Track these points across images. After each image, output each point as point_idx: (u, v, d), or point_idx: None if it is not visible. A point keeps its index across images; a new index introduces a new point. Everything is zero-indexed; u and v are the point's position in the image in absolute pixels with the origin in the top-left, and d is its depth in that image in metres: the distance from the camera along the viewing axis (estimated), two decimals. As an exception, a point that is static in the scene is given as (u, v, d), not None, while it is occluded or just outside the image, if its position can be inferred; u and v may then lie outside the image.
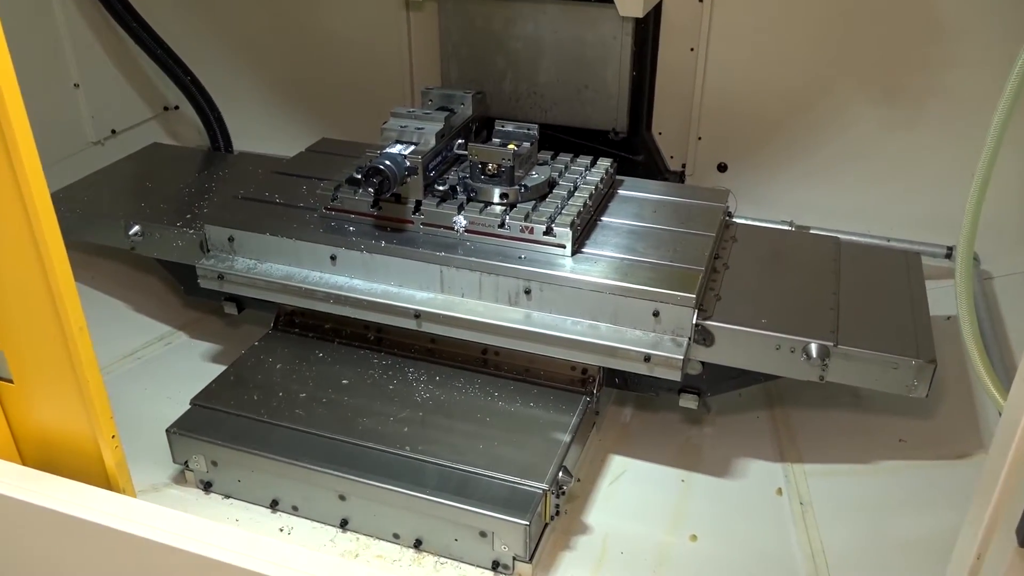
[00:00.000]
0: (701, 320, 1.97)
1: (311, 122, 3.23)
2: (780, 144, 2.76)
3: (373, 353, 2.30)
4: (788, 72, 2.65)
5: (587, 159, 2.43)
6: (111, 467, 1.55)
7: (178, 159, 2.99)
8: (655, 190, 2.44)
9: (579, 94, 2.73)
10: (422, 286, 2.15)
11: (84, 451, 1.54)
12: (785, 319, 1.99)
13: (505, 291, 2.08)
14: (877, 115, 2.63)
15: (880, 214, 2.72)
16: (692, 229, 2.23)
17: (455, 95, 2.44)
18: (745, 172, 2.85)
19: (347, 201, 2.23)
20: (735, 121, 2.77)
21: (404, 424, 2.04)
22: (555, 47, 2.68)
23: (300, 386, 2.17)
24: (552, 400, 2.14)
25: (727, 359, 2.01)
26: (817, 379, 1.95)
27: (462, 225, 2.14)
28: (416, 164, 2.12)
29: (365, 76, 3.11)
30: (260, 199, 2.39)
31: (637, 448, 2.29)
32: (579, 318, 2.04)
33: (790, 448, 2.27)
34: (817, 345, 1.91)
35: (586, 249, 2.12)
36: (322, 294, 2.19)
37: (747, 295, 2.09)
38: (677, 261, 2.07)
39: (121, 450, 1.57)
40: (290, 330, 2.40)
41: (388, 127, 2.23)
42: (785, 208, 2.83)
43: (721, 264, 2.21)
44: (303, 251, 2.22)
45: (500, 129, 2.30)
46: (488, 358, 2.24)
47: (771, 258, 2.27)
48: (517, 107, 2.81)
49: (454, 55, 2.81)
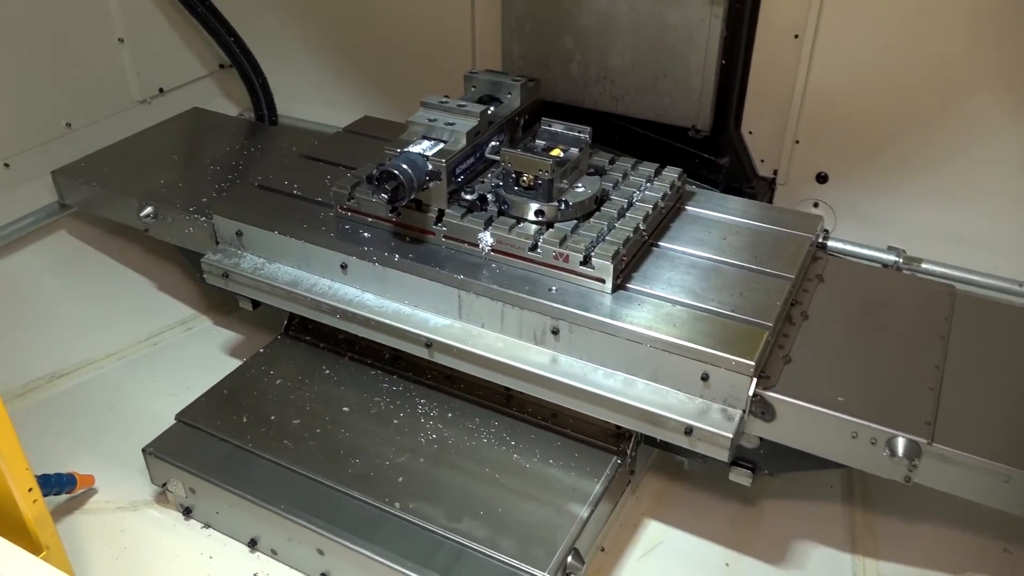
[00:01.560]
0: (761, 390, 1.60)
1: (363, 92, 2.94)
2: (896, 155, 2.28)
3: (384, 375, 2.04)
4: (914, 70, 2.17)
5: (651, 167, 2.05)
6: (31, 523, 1.34)
7: (214, 129, 2.77)
8: (731, 209, 2.05)
9: (656, 83, 2.33)
10: (438, 309, 1.85)
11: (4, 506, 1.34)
12: (869, 399, 1.59)
13: (530, 327, 1.76)
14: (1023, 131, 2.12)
15: (1015, 250, 2.23)
16: (767, 267, 1.83)
17: (503, 82, 2.09)
18: (849, 185, 2.39)
19: (364, 202, 1.94)
20: (842, 124, 2.31)
21: (399, 472, 1.77)
22: (632, 26, 2.28)
23: (295, 410, 1.93)
24: (577, 458, 1.82)
25: (790, 439, 1.64)
26: (902, 479, 1.56)
27: (488, 243, 1.82)
28: (439, 168, 1.80)
29: (423, 48, 2.78)
30: (277, 189, 2.13)
31: (678, 516, 1.96)
32: (613, 370, 1.70)
33: (865, 538, 1.88)
34: (906, 440, 1.52)
35: (632, 284, 1.77)
36: (328, 307, 1.92)
37: (825, 359, 1.70)
38: (741, 311, 1.69)
39: (41, 504, 1.36)
40: (301, 337, 2.16)
41: (414, 120, 1.91)
42: (895, 232, 2.37)
43: (799, 313, 1.81)
44: (312, 255, 1.96)
45: (546, 129, 1.95)
46: (512, 394, 1.94)
47: (864, 309, 1.85)
48: (584, 93, 2.44)
49: (517, 30, 2.45)
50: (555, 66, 2.44)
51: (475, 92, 2.11)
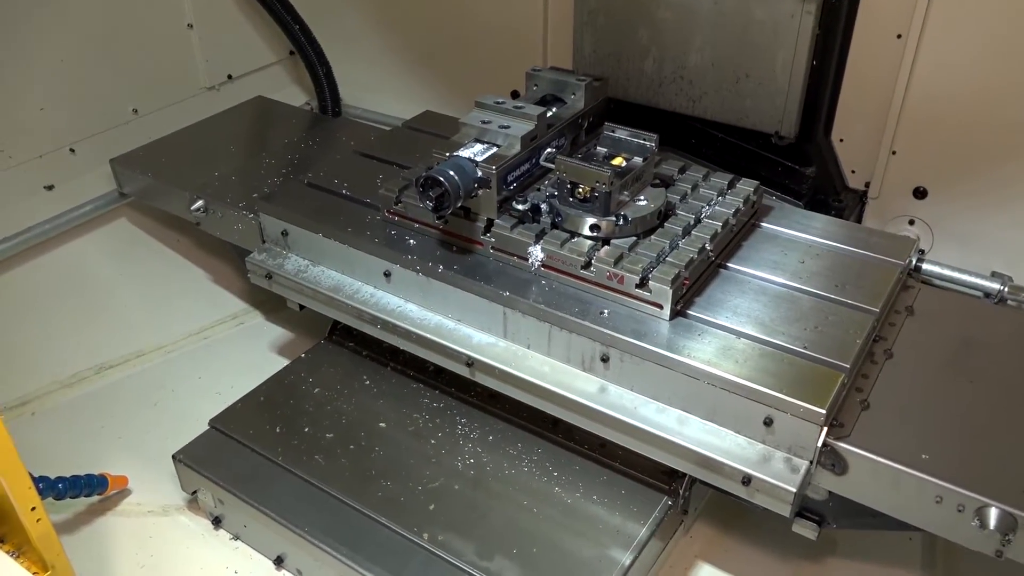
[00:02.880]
0: (832, 440, 1.42)
1: (429, 84, 2.83)
2: (1005, 171, 2.03)
3: (426, 389, 1.93)
4: (1035, 76, 1.92)
5: (725, 178, 1.87)
6: (35, 542, 1.28)
7: (276, 119, 2.71)
8: (812, 228, 1.85)
9: (738, 84, 2.14)
10: (482, 326, 1.73)
11: (12, 522, 1.28)
12: (958, 458, 1.39)
13: (578, 352, 1.61)
14: None
15: None
16: (849, 298, 1.63)
17: (567, 82, 1.94)
18: (950, 201, 2.14)
19: (411, 207, 1.83)
20: (946, 134, 2.07)
21: (432, 498, 1.66)
22: (714, 21, 2.09)
23: (331, 422, 1.84)
24: (624, 495, 1.68)
25: (863, 497, 1.45)
26: (992, 554, 1.36)
27: (538, 258, 1.68)
28: (489, 175, 1.67)
29: (492, 40, 2.65)
30: (327, 188, 2.04)
31: (735, 563, 1.79)
32: (666, 405, 1.55)
33: (945, 606, 1.68)
34: (999, 511, 1.31)
35: (693, 311, 1.60)
36: (370, 316, 1.82)
37: (910, 407, 1.50)
38: (814, 348, 1.51)
39: (46, 522, 1.30)
40: (345, 343, 2.08)
41: (467, 121, 1.78)
42: (1000, 256, 2.12)
43: (882, 351, 1.61)
44: (356, 260, 1.86)
45: (609, 135, 1.80)
46: (560, 420, 1.80)
47: (959, 348, 1.63)
48: (659, 92, 2.27)
49: (589, 24, 2.28)
50: (628, 62, 2.27)
51: (537, 91, 1.97)
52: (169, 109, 2.76)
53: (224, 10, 2.89)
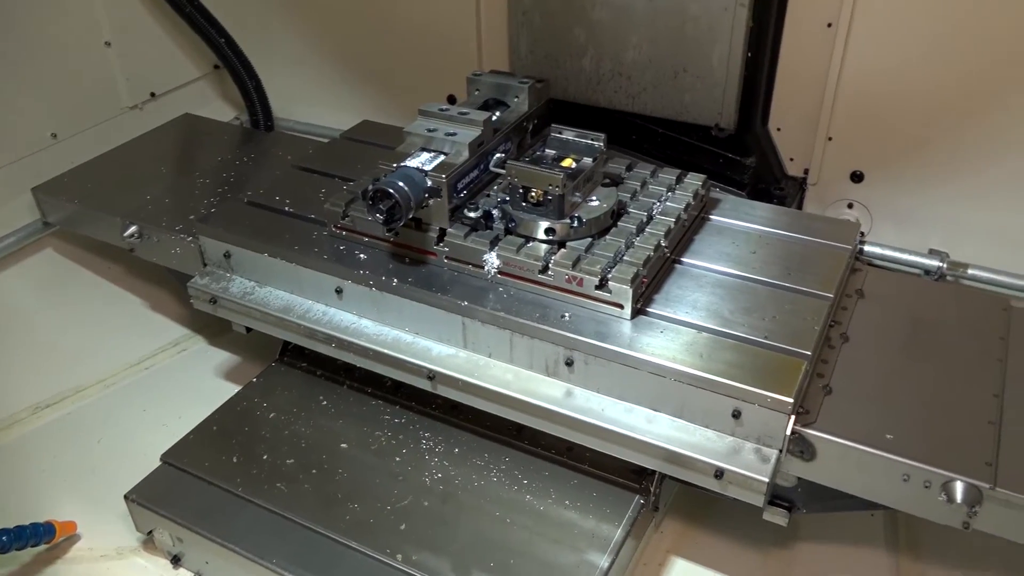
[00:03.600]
0: (800, 427, 1.43)
1: (363, 93, 2.77)
2: (938, 151, 2.09)
3: (386, 405, 1.89)
4: (959, 59, 1.97)
5: (672, 173, 1.88)
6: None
7: (206, 136, 2.62)
8: (760, 218, 1.87)
9: (676, 78, 2.15)
10: (441, 338, 1.70)
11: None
12: (921, 436, 1.43)
13: (542, 357, 1.60)
14: (1083, 124, 1.93)
15: (1071, 253, 2.04)
16: (803, 284, 1.66)
17: (510, 85, 1.92)
18: (887, 183, 2.20)
19: (360, 221, 1.79)
20: (880, 118, 2.12)
21: (402, 518, 1.63)
22: (650, 18, 2.10)
23: (290, 448, 1.78)
24: (596, 497, 1.67)
25: (833, 480, 1.47)
26: (960, 526, 1.39)
27: (494, 265, 1.66)
28: (440, 184, 1.64)
29: (426, 45, 2.61)
30: (268, 205, 1.98)
31: (707, 554, 1.80)
32: (633, 404, 1.54)
33: (913, 578, 1.72)
34: (965, 485, 1.35)
35: (653, 308, 1.60)
36: (323, 335, 1.77)
37: (870, 388, 1.53)
38: (775, 338, 1.52)
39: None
40: (297, 363, 2.02)
41: (412, 131, 1.75)
42: (937, 234, 2.19)
43: (839, 335, 1.64)
44: (305, 279, 1.81)
45: (556, 137, 1.79)
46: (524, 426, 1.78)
47: (911, 327, 1.68)
48: (598, 91, 2.27)
49: (525, 24, 2.27)
50: (566, 62, 2.27)
51: (479, 96, 1.94)
52: (90, 131, 2.64)
53: (143, 26, 2.78)
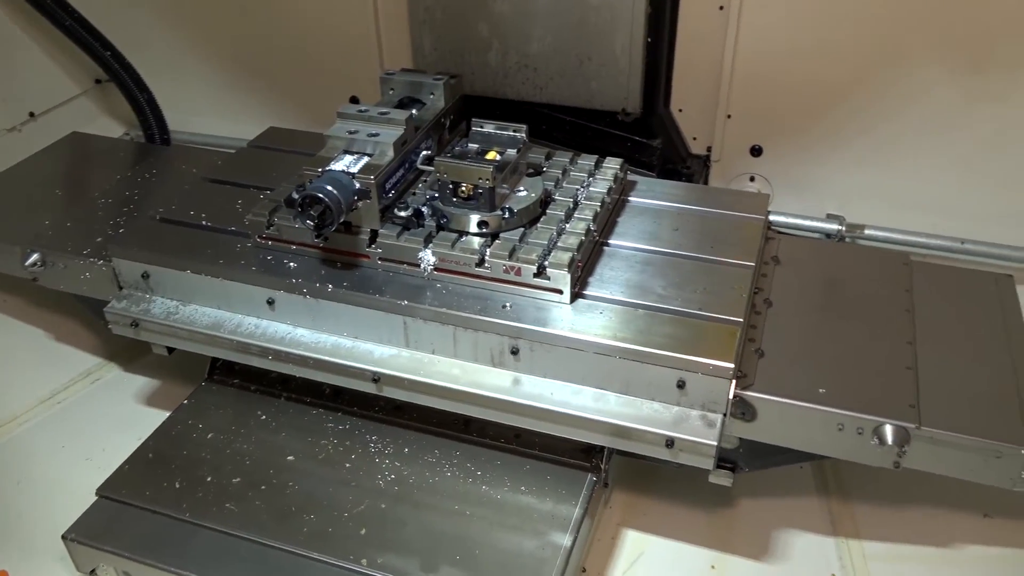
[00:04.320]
0: (740, 390, 1.51)
1: (263, 101, 2.71)
2: (829, 122, 2.24)
3: (327, 413, 1.87)
4: (843, 35, 2.11)
5: (591, 159, 1.93)
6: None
7: (99, 154, 2.50)
8: (675, 196, 1.95)
9: (581, 67, 2.21)
10: (382, 339, 1.69)
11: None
12: (849, 387, 1.53)
13: (486, 349, 1.62)
14: (957, 87, 2.09)
15: (955, 208, 2.22)
16: (725, 256, 1.74)
17: (423, 82, 1.93)
18: (784, 156, 2.33)
19: (285, 229, 1.76)
20: (774, 95, 2.24)
21: (361, 523, 1.61)
22: (551, 10, 2.15)
23: (234, 466, 1.74)
24: (549, 480, 1.70)
25: (773, 437, 1.56)
26: (891, 466, 1.50)
27: (430, 262, 1.66)
28: (368, 186, 1.63)
29: (324, 47, 2.57)
30: (184, 221, 1.92)
31: (656, 523, 1.87)
32: (581, 385, 1.59)
33: (845, 522, 1.84)
34: (894, 427, 1.46)
35: (589, 291, 1.65)
36: (258, 348, 1.73)
37: (797, 348, 1.63)
38: (707, 308, 1.60)
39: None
40: (228, 380, 1.96)
41: (333, 134, 1.73)
42: (833, 198, 2.34)
43: (762, 301, 1.73)
44: (233, 293, 1.76)
45: (478, 131, 1.81)
46: (471, 419, 1.80)
47: (825, 288, 1.79)
48: (505, 83, 2.30)
49: (427, 21, 2.28)
50: (471, 57, 2.29)
51: (393, 95, 1.94)
52: (-34, 159, 2.48)
53: (16, 42, 2.63)
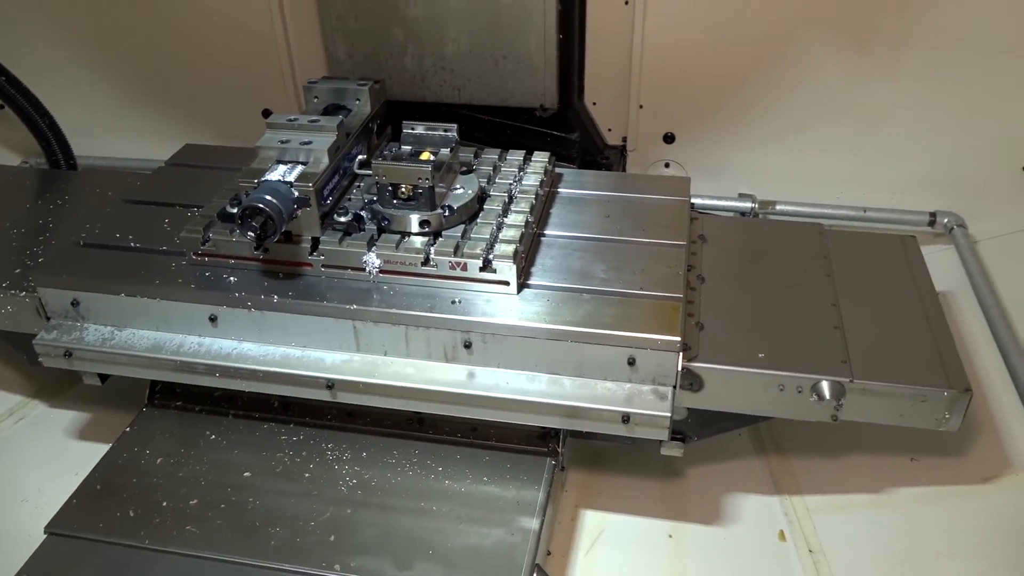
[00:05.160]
0: (687, 362, 1.59)
1: (174, 119, 2.65)
2: (735, 107, 2.37)
3: (278, 426, 1.85)
4: (741, 23, 2.24)
5: (519, 155, 1.98)
6: None
7: (1, 184, 2.38)
8: (602, 185, 2.02)
9: (497, 66, 2.27)
10: (332, 346, 1.69)
11: None
12: (786, 349, 1.63)
13: (439, 346, 1.65)
14: (847, 66, 2.26)
15: (854, 179, 2.39)
16: (657, 237, 1.82)
17: (348, 88, 1.93)
18: (695, 141, 2.45)
19: (222, 244, 1.74)
20: (681, 84, 2.36)
21: (329, 530, 1.61)
22: (465, 12, 2.20)
23: (189, 488, 1.70)
24: (510, 468, 1.74)
25: (720, 404, 1.65)
26: (829, 419, 1.61)
27: (375, 265, 1.68)
28: (308, 194, 1.63)
29: (232, 60, 2.54)
30: (109, 244, 1.86)
31: (612, 500, 1.93)
32: (535, 372, 1.63)
33: (786, 479, 1.94)
34: (830, 383, 1.57)
35: (534, 281, 1.70)
36: (204, 367, 1.71)
37: (734, 318, 1.72)
38: (648, 287, 1.67)
39: None
40: (171, 404, 1.92)
41: (264, 144, 1.72)
42: (743, 179, 2.47)
43: (696, 277, 1.82)
44: (173, 313, 1.73)
45: (409, 133, 1.83)
46: (424, 417, 1.82)
47: (751, 261, 1.90)
48: (423, 87, 2.33)
49: (339, 29, 2.29)
50: (387, 62, 2.31)
51: (318, 103, 1.94)
52: None
53: None
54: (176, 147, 2.29)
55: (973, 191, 2.34)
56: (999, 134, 2.25)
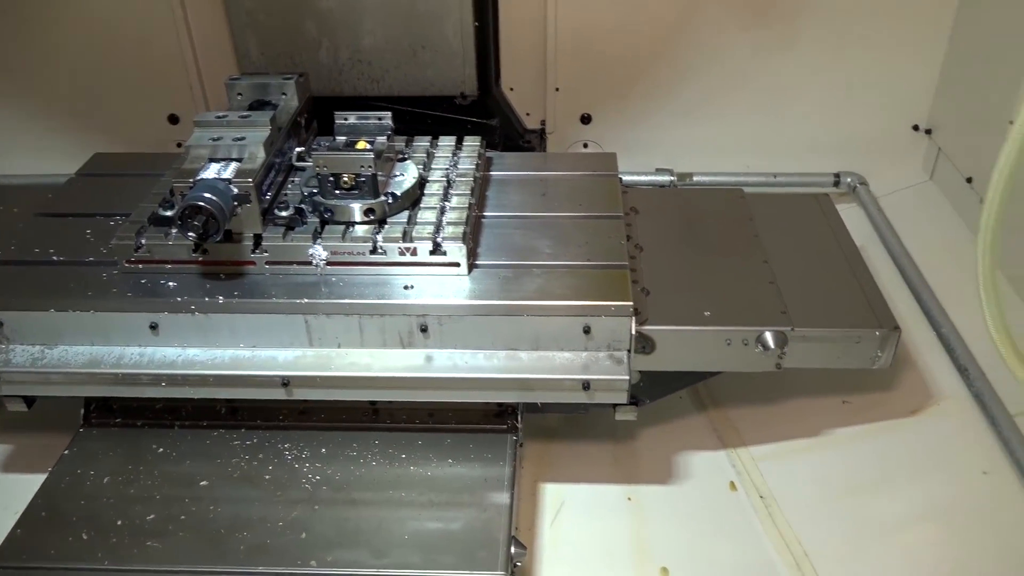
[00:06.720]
0: (639, 326, 1.65)
1: (77, 129, 2.53)
2: (648, 85, 2.45)
3: (230, 432, 1.80)
4: (648, 2, 2.32)
5: (450, 140, 2.00)
6: None
7: None
8: (533, 166, 2.06)
9: (415, 56, 2.27)
10: (284, 343, 1.66)
11: None
12: (729, 306, 1.71)
13: (395, 332, 1.64)
14: (749, 39, 2.37)
15: (762, 147, 2.51)
16: (595, 211, 1.88)
17: (272, 83, 1.90)
18: (611, 120, 2.52)
19: (157, 249, 1.68)
20: (595, 65, 2.42)
21: (299, 528, 1.58)
22: (378, 2, 2.19)
23: (144, 504, 1.64)
24: (473, 448, 1.75)
25: (672, 364, 1.71)
26: (774, 368, 1.70)
27: (322, 258, 1.66)
28: (247, 190, 1.60)
29: (133, 64, 2.44)
30: (29, 260, 1.77)
31: (569, 472, 1.96)
32: (493, 349, 1.65)
33: (729, 432, 2.03)
34: (773, 333, 1.65)
35: (482, 261, 1.72)
36: (148, 377, 1.65)
37: (676, 282, 1.79)
38: (595, 258, 1.72)
39: None
40: (109, 421, 1.83)
41: (194, 143, 1.67)
42: (660, 153, 2.55)
43: (634, 246, 1.88)
44: (110, 324, 1.66)
45: (343, 123, 1.81)
46: (380, 408, 1.82)
47: (684, 227, 1.98)
48: (341, 81, 2.31)
49: (250, 26, 2.24)
50: (302, 57, 2.28)
51: (242, 100, 1.90)
52: None
53: None
54: (84, 160, 2.19)
55: (871, 151, 2.50)
56: (891, 96, 2.42)
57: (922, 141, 2.51)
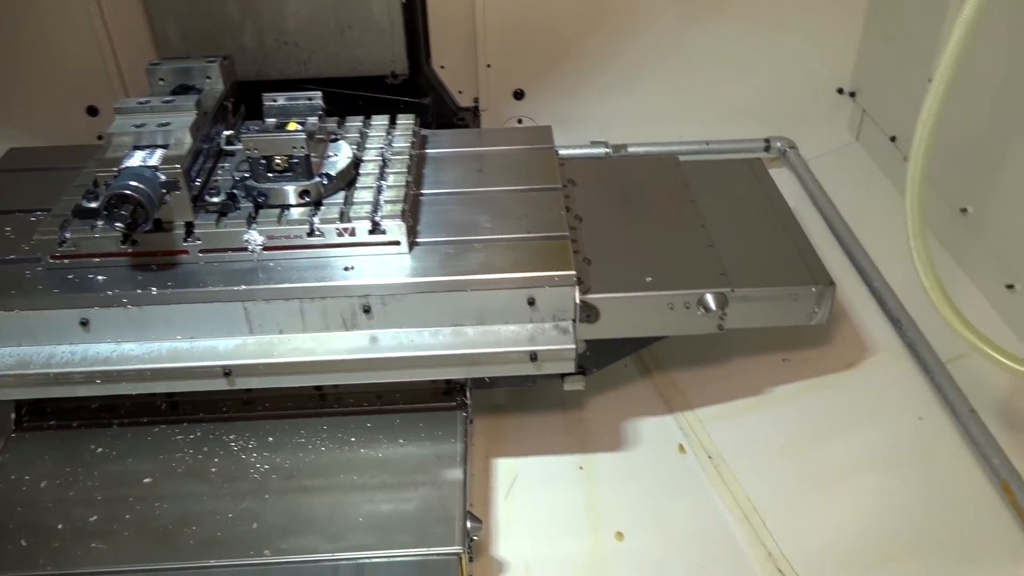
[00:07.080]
0: (583, 295, 1.65)
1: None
2: (578, 58, 2.45)
3: (171, 427, 1.75)
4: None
5: (383, 119, 1.97)
6: None
7: None
8: (468, 142, 2.05)
9: (343, 36, 2.23)
10: (223, 332, 1.63)
11: None
12: (669, 271, 1.73)
13: (337, 315, 1.62)
14: (676, 8, 2.39)
15: (692, 116, 2.54)
16: (533, 184, 1.88)
17: (194, 67, 1.84)
18: (544, 95, 2.52)
19: (83, 242, 1.62)
20: (526, 40, 2.41)
21: (250, 519, 1.55)
22: (301, -18, 2.14)
23: (85, 506, 1.59)
24: (423, 427, 1.74)
25: (616, 331, 1.73)
26: (716, 329, 1.73)
27: (258, 243, 1.62)
28: (176, 176, 1.55)
29: (43, 54, 2.34)
30: (-55, 261, 1.69)
31: (519, 445, 1.97)
32: (438, 327, 1.64)
33: (674, 397, 2.06)
34: (713, 295, 1.68)
35: (422, 239, 1.70)
36: (81, 375, 1.59)
37: (616, 250, 1.80)
38: (535, 230, 1.72)
39: None
40: (43, 424, 1.77)
41: (117, 130, 1.61)
42: (594, 126, 2.56)
43: (573, 217, 1.89)
44: (37, 323, 1.60)
45: (272, 105, 1.77)
46: (326, 393, 1.79)
47: (621, 196, 1.99)
48: (267, 64, 2.26)
49: (169, 12, 2.16)
50: (225, 41, 2.22)
51: (165, 85, 1.84)
52: None
53: None
54: (-2, 152, 2.10)
55: (800, 115, 2.56)
56: (815, 62, 2.48)
57: (847, 104, 2.58)
